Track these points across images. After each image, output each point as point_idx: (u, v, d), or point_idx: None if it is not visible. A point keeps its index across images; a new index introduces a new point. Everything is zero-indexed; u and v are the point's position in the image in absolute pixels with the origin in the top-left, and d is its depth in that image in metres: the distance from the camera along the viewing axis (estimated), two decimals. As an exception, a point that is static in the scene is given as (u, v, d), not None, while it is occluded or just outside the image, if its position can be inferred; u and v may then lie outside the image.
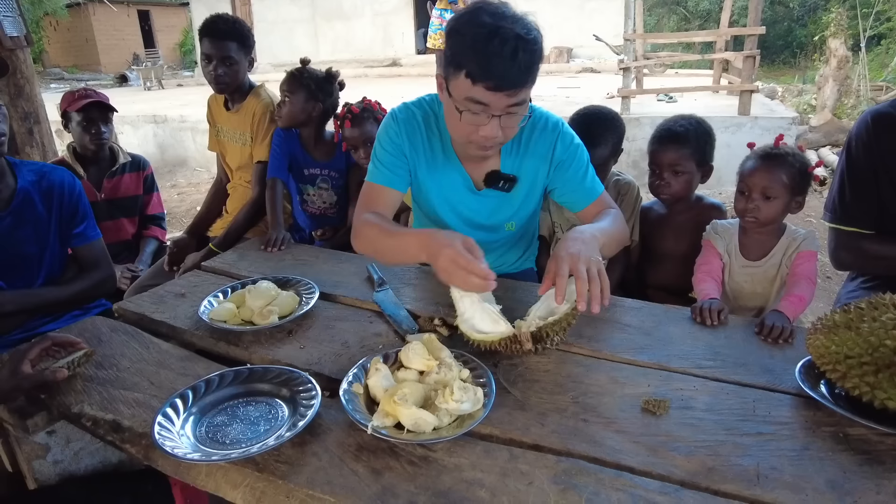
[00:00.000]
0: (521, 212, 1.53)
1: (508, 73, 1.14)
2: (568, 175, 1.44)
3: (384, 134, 1.45)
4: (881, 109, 1.44)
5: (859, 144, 1.43)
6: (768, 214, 1.44)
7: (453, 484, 0.83)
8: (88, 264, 1.75)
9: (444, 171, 1.46)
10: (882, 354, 0.88)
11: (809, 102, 8.68)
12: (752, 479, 0.82)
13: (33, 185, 1.63)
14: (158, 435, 0.92)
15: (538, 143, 1.42)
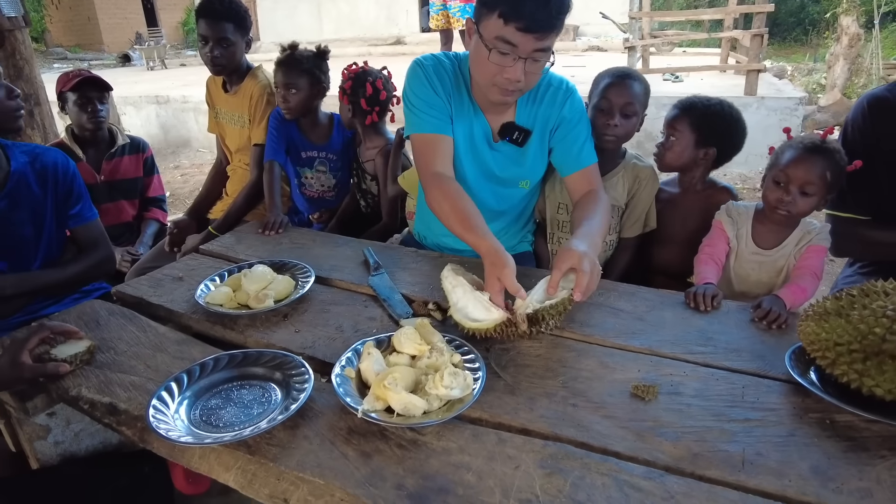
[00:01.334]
0: (534, 169, 1.55)
1: (539, 16, 1.19)
2: (569, 137, 1.48)
3: (416, 81, 1.46)
4: (878, 93, 1.42)
5: (855, 129, 1.41)
6: (804, 209, 1.39)
7: (441, 467, 0.84)
8: (87, 245, 1.76)
9: (469, 118, 1.48)
10: (871, 342, 0.88)
11: (819, 82, 8.54)
12: (736, 464, 0.83)
13: (27, 167, 1.63)
14: (153, 418, 0.94)
15: (552, 100, 1.47)
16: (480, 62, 1.30)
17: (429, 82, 1.43)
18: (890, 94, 1.39)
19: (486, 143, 1.51)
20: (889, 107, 1.37)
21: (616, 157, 1.67)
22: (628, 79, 1.56)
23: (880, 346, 0.87)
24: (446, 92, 1.44)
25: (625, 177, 1.64)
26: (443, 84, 1.44)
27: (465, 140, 1.50)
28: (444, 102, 1.44)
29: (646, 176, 1.64)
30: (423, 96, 1.43)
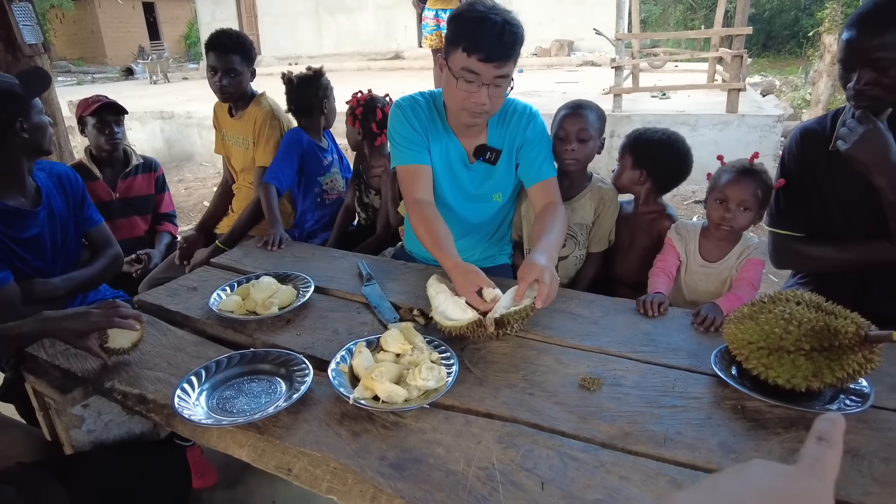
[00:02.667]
0: (505, 183, 1.76)
1: (496, 49, 1.43)
2: (531, 154, 1.69)
3: (395, 121, 1.70)
4: (808, 125, 1.60)
5: (790, 156, 1.60)
6: (743, 223, 1.59)
7: (417, 443, 1.03)
8: (100, 244, 1.96)
9: (445, 143, 1.70)
10: (772, 340, 1.07)
11: (804, 97, 8.78)
12: (659, 441, 1.01)
13: (48, 181, 1.83)
14: (178, 405, 1.12)
15: (517, 123, 1.69)
16: (451, 91, 1.53)
17: (407, 121, 1.67)
18: (818, 127, 1.57)
19: (462, 163, 1.72)
20: (817, 137, 1.56)
21: (583, 181, 1.87)
22: (581, 109, 1.79)
23: (779, 343, 1.06)
24: (422, 126, 1.67)
25: (591, 198, 1.84)
26: (419, 119, 1.67)
27: (443, 163, 1.72)
28: (421, 136, 1.66)
29: (609, 197, 1.84)
30: (404, 133, 1.66)
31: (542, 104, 1.73)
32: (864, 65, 1.33)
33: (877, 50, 1.30)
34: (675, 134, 1.82)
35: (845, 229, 1.53)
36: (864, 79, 1.34)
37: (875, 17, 1.32)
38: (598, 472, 0.94)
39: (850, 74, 1.37)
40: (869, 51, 1.31)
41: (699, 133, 5.06)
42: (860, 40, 1.33)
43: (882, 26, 1.30)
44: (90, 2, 21.80)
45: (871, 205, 1.43)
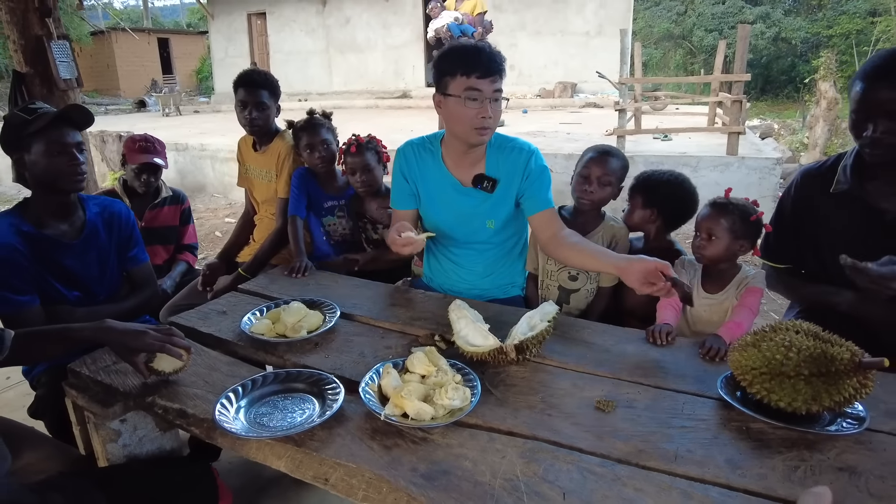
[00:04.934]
0: (499, 211, 1.88)
1: (489, 65, 1.66)
2: (535, 185, 1.83)
3: (395, 169, 1.97)
4: (810, 168, 1.72)
5: (788, 196, 1.71)
6: (712, 252, 1.70)
7: (445, 457, 1.11)
8: (139, 283, 2.05)
9: (436, 176, 1.90)
10: (774, 366, 1.15)
11: (802, 141, 9.01)
12: (670, 458, 1.09)
13: (98, 217, 1.93)
14: (219, 418, 1.20)
15: (516, 159, 1.84)
16: (460, 114, 1.70)
17: (399, 168, 1.95)
18: (820, 170, 1.68)
19: (454, 190, 1.88)
20: (816, 182, 1.66)
21: (597, 219, 1.99)
22: (608, 155, 1.92)
23: (780, 368, 1.14)
24: (411, 170, 1.94)
25: (604, 235, 1.96)
26: (408, 164, 1.94)
27: (437, 190, 1.90)
28: (408, 184, 1.94)
29: (621, 234, 1.96)
30: (396, 180, 1.97)
31: (547, 144, 1.89)
32: (880, 115, 1.41)
33: (892, 102, 1.38)
34: (681, 175, 1.94)
35: (832, 270, 1.62)
36: (882, 128, 1.41)
37: (888, 69, 1.40)
38: (615, 485, 1.02)
39: (866, 124, 1.45)
40: (885, 102, 1.39)
41: (701, 174, 5.21)
42: (876, 92, 1.41)
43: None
44: (108, 37, 22.50)
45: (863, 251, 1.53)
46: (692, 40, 22.10)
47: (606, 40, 12.32)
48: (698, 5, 22.40)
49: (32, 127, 1.72)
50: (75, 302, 1.87)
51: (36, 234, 1.76)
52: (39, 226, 1.79)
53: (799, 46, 20.58)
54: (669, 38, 23.04)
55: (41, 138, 1.72)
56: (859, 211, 1.58)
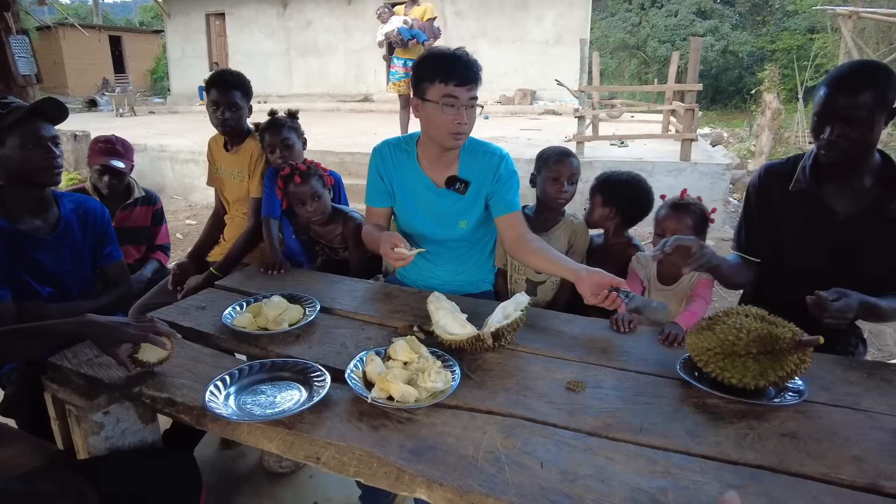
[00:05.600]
0: (471, 213, 1.96)
1: (466, 74, 1.73)
2: (503, 190, 1.92)
3: (371, 167, 2.01)
4: (773, 164, 1.83)
5: (754, 189, 1.83)
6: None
7: (430, 435, 1.18)
8: (113, 280, 2.05)
9: (411, 176, 1.96)
10: (726, 346, 1.28)
11: (749, 148, 9.47)
12: (636, 430, 1.20)
13: (72, 213, 1.93)
14: (210, 404, 1.25)
15: (488, 162, 1.93)
16: (437, 120, 1.77)
17: (375, 167, 2.00)
18: (781, 167, 1.79)
19: (429, 190, 1.95)
20: (779, 175, 1.77)
21: (558, 216, 2.12)
22: (569, 156, 2.05)
23: (732, 348, 1.27)
24: (387, 168, 1.98)
25: (565, 231, 2.08)
26: (384, 163, 1.98)
27: (411, 190, 1.97)
28: (383, 182, 1.99)
29: (580, 230, 2.09)
30: (371, 178, 2.02)
31: (509, 149, 1.97)
32: (837, 119, 1.53)
33: (850, 108, 1.50)
34: (638, 176, 2.08)
35: (788, 263, 1.77)
36: (837, 132, 1.53)
37: (852, 80, 1.52)
38: (587, 454, 1.11)
39: (824, 127, 1.56)
40: (843, 108, 1.51)
41: (655, 179, 5.44)
42: (836, 98, 1.53)
43: (858, 88, 1.50)
44: (55, 33, 21.65)
45: (815, 249, 1.68)
46: (646, 51, 22.87)
47: (565, 49, 12.65)
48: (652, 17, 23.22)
49: (6, 120, 1.71)
50: (48, 298, 1.86)
51: (9, 229, 1.76)
52: (12, 220, 1.78)
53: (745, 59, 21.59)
54: (625, 48, 23.78)
55: (15, 132, 1.72)
56: (814, 210, 1.70)
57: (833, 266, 1.67)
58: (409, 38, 6.27)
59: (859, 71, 1.54)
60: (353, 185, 5.35)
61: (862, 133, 1.52)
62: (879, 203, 1.61)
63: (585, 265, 1.86)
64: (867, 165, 1.62)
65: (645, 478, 1.05)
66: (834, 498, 0.99)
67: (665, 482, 1.03)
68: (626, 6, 24.70)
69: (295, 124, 2.53)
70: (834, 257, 1.67)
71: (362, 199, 2.07)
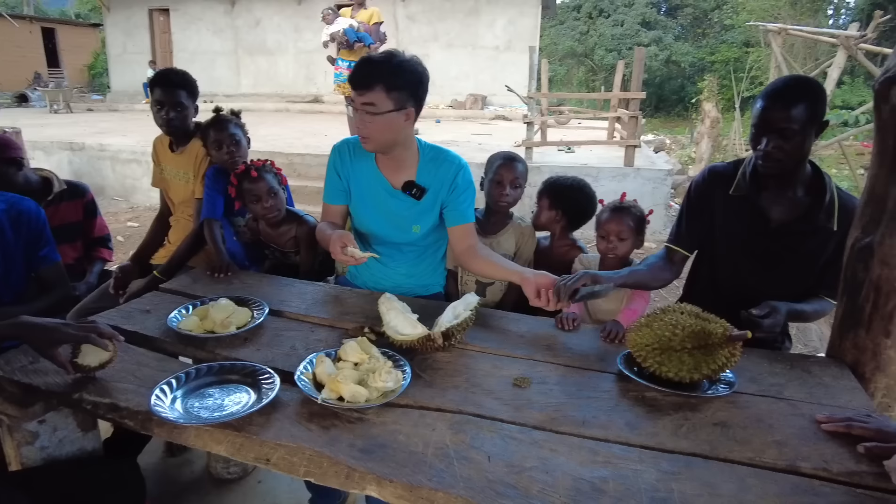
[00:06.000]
0: (425, 218, 1.97)
1: (355, 78, 1.72)
2: (458, 199, 1.94)
3: (329, 165, 2.00)
4: (717, 167, 1.91)
5: (696, 188, 1.90)
6: (623, 251, 1.94)
7: (381, 433, 1.20)
8: (49, 284, 1.97)
9: (368, 176, 1.95)
10: (663, 342, 1.35)
11: (690, 155, 9.88)
12: (579, 423, 1.25)
13: (4, 214, 1.84)
14: (156, 408, 1.22)
15: (447, 171, 1.93)
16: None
17: (333, 164, 1.99)
18: (724, 171, 1.87)
19: (385, 191, 1.95)
20: (721, 178, 1.85)
21: (506, 219, 2.18)
22: (515, 161, 2.10)
23: (669, 343, 1.34)
24: (344, 166, 1.97)
25: (513, 233, 2.14)
26: (342, 161, 1.97)
27: (367, 189, 1.97)
28: (340, 180, 1.98)
29: (528, 233, 2.15)
30: (329, 175, 2.01)
31: (460, 153, 1.99)
32: (772, 132, 1.61)
33: (782, 121, 1.59)
34: (583, 181, 2.16)
35: (718, 265, 1.87)
36: (773, 144, 1.62)
37: (785, 95, 1.61)
38: (532, 447, 1.16)
39: (761, 139, 1.65)
40: (776, 121, 1.60)
41: (601, 184, 5.62)
42: (771, 112, 1.61)
43: (790, 103, 1.58)
44: (-20, 24, 20.43)
45: (748, 251, 1.78)
46: (594, 59, 23.51)
47: (515, 55, 12.86)
48: (599, 26, 23.90)
49: None
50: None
51: (-65, 232, 1.67)
52: (-62, 223, 1.69)
53: (687, 69, 22.50)
54: (573, 56, 24.37)
55: None
56: (751, 215, 1.78)
57: (764, 268, 1.78)
58: (355, 40, 6.24)
59: (792, 86, 1.63)
60: (302, 188, 5.31)
61: (795, 145, 1.61)
62: (810, 212, 1.71)
63: (532, 268, 1.91)
64: (800, 175, 1.73)
65: (587, 468, 1.10)
66: (758, 480, 1.07)
67: (606, 472, 1.09)
68: (574, 15, 25.33)
69: (240, 122, 2.50)
70: (765, 260, 1.78)
71: (310, 202, 2.07)
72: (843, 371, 1.50)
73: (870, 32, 6.52)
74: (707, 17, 24.04)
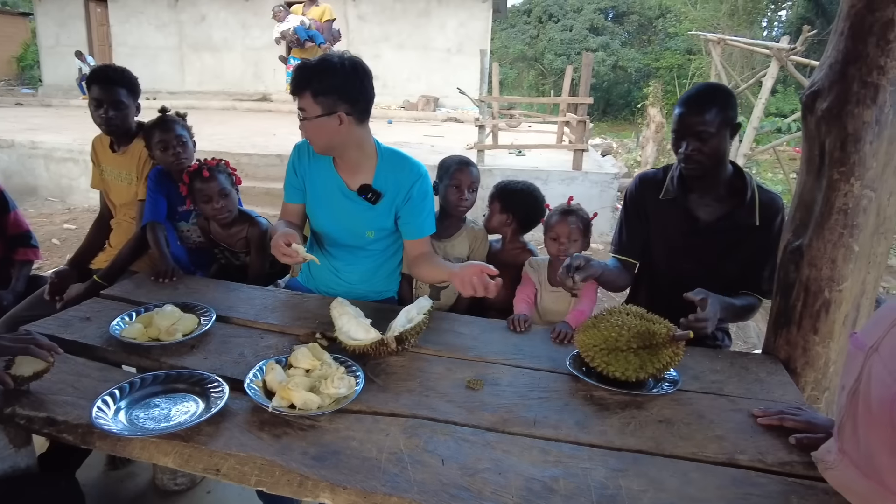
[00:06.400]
0: (379, 223, 1.94)
1: (293, 82, 1.74)
2: (413, 210, 1.90)
3: (289, 165, 2.00)
4: (647, 174, 2.01)
5: (630, 197, 1.99)
6: (575, 252, 1.94)
7: (333, 440, 1.19)
8: None
9: (325, 176, 1.93)
10: (610, 342, 1.39)
11: (636, 158, 10.19)
12: (530, 423, 1.27)
13: None
14: (98, 420, 1.17)
15: (404, 179, 1.89)
16: None
17: (291, 163, 1.98)
18: (654, 175, 1.96)
19: (340, 192, 1.92)
20: (652, 184, 1.94)
21: (459, 223, 2.20)
22: (470, 165, 2.13)
23: (615, 344, 1.39)
24: (302, 165, 1.96)
25: (466, 237, 2.16)
26: (300, 160, 1.96)
27: (322, 190, 1.95)
28: (297, 178, 1.97)
29: (481, 236, 2.18)
30: (287, 174, 2.01)
31: (413, 154, 1.99)
32: (690, 135, 1.71)
33: (700, 125, 1.69)
34: (533, 185, 2.20)
35: (657, 267, 1.95)
36: (692, 147, 1.71)
37: (698, 101, 1.71)
38: (485, 449, 1.17)
39: (681, 143, 1.74)
40: (694, 125, 1.70)
41: (550, 187, 5.72)
42: (688, 117, 1.71)
43: (704, 108, 1.68)
44: None
45: (681, 252, 1.85)
46: (543, 63, 23.93)
47: (466, 58, 12.93)
48: (549, 31, 24.35)
49: None
50: None
51: None
52: None
53: (633, 75, 23.20)
54: (523, 60, 24.73)
55: None
56: (681, 217, 1.87)
57: (699, 268, 1.85)
58: (306, 39, 6.15)
59: (704, 93, 1.76)
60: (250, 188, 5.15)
61: (712, 147, 1.71)
62: (733, 210, 1.81)
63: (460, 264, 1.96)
64: (722, 176, 1.82)
65: (538, 468, 1.12)
66: (700, 474, 1.12)
67: (557, 471, 1.11)
68: (524, 19, 25.71)
69: (186, 124, 2.43)
70: (699, 260, 1.86)
71: (258, 203, 2.04)
72: (777, 367, 1.58)
73: (799, 45, 6.90)
74: (652, 24, 24.84)
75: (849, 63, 1.49)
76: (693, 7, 20.33)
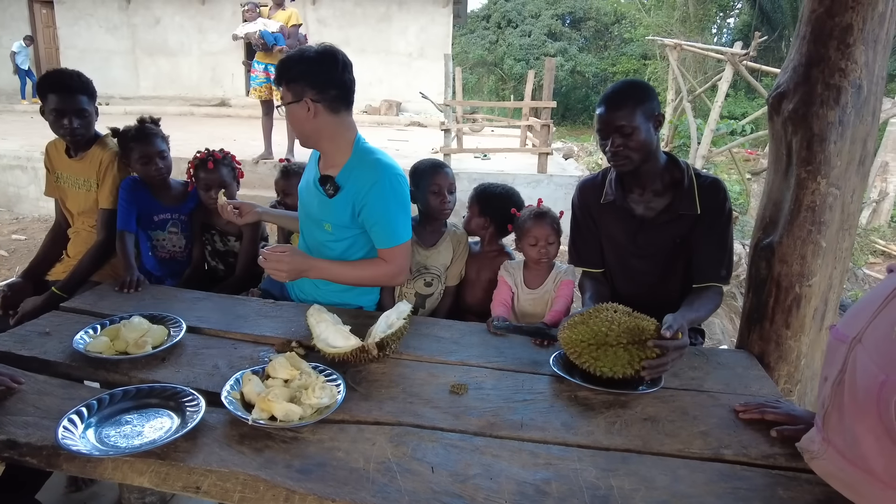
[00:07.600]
0: (335, 217, 1.85)
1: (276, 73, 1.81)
2: (369, 217, 1.80)
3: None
4: (586, 180, 2.00)
5: (575, 206, 1.99)
6: (554, 253, 1.98)
7: (318, 451, 1.16)
8: None
9: (310, 167, 1.98)
10: (599, 337, 1.40)
11: (597, 161, 10.37)
12: (517, 426, 1.26)
13: None
14: (64, 441, 1.11)
15: (364, 180, 1.78)
16: None
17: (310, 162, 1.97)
18: (593, 182, 1.96)
19: (313, 182, 1.89)
20: (591, 188, 1.94)
21: (441, 227, 2.18)
22: (444, 167, 2.10)
23: (605, 339, 1.39)
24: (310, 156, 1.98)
25: (450, 242, 2.15)
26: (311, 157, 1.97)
27: (305, 181, 1.99)
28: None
29: (463, 240, 2.18)
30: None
31: None
32: (613, 132, 1.71)
33: (619, 120, 1.69)
34: (512, 189, 2.20)
35: (611, 269, 1.95)
36: (617, 142, 1.71)
37: (615, 98, 1.72)
38: (474, 454, 1.16)
39: (606, 141, 1.75)
40: (614, 121, 1.70)
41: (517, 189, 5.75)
42: (608, 114, 1.71)
43: (622, 104, 1.69)
44: None
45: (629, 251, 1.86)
46: (503, 68, 24.15)
47: (428, 63, 12.96)
48: (508, 36, 24.59)
49: None
50: None
51: None
52: None
53: (591, 79, 23.65)
54: (483, 65, 24.91)
55: None
56: (624, 217, 1.86)
57: (650, 265, 1.85)
58: (273, 43, 6.05)
59: (621, 90, 1.76)
60: (214, 195, 5.01)
61: (637, 141, 1.70)
62: (672, 203, 1.79)
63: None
64: (655, 170, 1.80)
65: (529, 471, 1.11)
66: (688, 470, 1.13)
67: (548, 473, 1.10)
68: (484, 24, 25.91)
69: (163, 132, 2.37)
70: (648, 257, 1.85)
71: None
72: (752, 361, 1.62)
73: (752, 51, 7.16)
74: (608, 30, 25.38)
75: (812, 66, 1.54)
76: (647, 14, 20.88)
